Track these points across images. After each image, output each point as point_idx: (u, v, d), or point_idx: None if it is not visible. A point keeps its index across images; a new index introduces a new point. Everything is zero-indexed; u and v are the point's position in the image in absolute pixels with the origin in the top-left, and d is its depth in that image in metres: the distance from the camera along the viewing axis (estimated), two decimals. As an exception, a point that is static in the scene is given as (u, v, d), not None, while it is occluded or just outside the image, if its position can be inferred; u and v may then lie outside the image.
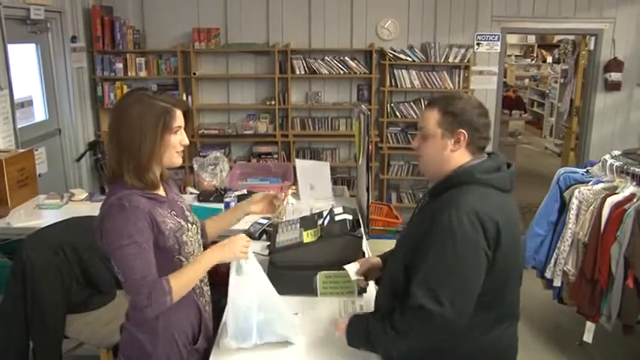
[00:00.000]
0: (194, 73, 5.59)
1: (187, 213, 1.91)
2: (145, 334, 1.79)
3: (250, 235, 2.91)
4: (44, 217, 3.27)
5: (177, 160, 1.80)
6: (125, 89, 5.61)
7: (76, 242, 2.64)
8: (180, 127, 1.78)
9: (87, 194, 3.71)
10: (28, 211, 3.39)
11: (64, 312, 2.59)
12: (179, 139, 1.78)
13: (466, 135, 1.71)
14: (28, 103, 4.67)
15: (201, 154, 5.39)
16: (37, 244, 2.56)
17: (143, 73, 5.58)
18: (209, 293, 2.01)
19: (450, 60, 5.65)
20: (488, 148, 1.81)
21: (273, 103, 5.72)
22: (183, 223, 1.83)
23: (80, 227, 2.73)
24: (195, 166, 3.92)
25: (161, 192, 1.84)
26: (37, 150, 4.10)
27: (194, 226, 1.91)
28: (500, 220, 1.61)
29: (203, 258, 1.82)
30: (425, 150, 1.78)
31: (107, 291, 2.75)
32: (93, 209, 3.35)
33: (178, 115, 1.77)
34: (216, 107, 5.92)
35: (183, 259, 1.81)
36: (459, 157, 1.73)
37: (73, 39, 5.20)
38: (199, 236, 1.96)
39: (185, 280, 1.74)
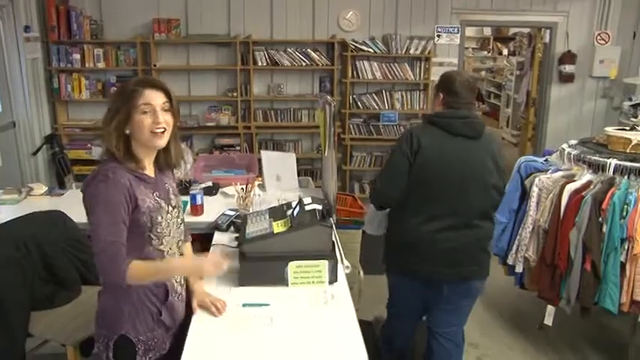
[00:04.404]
0: (154, 65, 5.49)
1: (172, 196, 1.97)
2: (112, 299, 1.88)
3: (218, 227, 2.90)
4: (2, 213, 3.15)
5: (156, 141, 1.84)
6: (83, 81, 5.47)
7: (39, 237, 2.56)
8: (148, 104, 1.80)
9: (46, 189, 3.60)
10: (-17, 206, 3.27)
11: (27, 309, 2.50)
12: (150, 119, 1.80)
13: (441, 97, 2.58)
14: (-21, 96, 4.51)
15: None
16: (-3, 240, 2.48)
17: (101, 65, 5.45)
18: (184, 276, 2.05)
19: (411, 52, 5.71)
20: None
21: (235, 94, 5.67)
22: (163, 204, 1.90)
23: (43, 222, 2.66)
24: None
25: (149, 173, 1.91)
26: (-10, 144, 3.96)
27: (175, 209, 1.97)
28: (426, 142, 2.46)
29: (173, 266, 1.93)
30: (431, 105, 2.66)
31: (72, 287, 2.67)
32: (53, 204, 3.29)
33: (146, 94, 1.80)
34: (177, 99, 5.80)
35: (154, 237, 1.87)
36: (437, 109, 2.61)
37: (27, 29, 5.02)
38: (179, 219, 2.01)
39: (145, 272, 1.81)
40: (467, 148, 2.49)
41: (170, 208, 1.93)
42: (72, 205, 3.23)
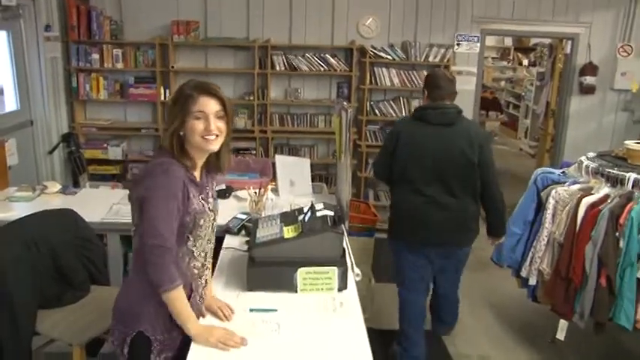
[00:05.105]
0: (172, 67, 5.51)
1: (210, 200, 2.00)
2: (136, 294, 1.88)
3: (229, 230, 2.89)
4: (15, 210, 3.18)
5: (208, 145, 1.87)
6: (101, 81, 5.51)
7: (50, 236, 2.56)
8: (202, 112, 1.84)
9: (60, 187, 3.63)
10: (-2, 203, 3.30)
11: (35, 307, 2.51)
12: (202, 125, 1.84)
13: (426, 92, 3.12)
14: (-2, 93, 4.55)
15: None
16: (8, 238, 2.48)
17: (120, 65, 5.48)
18: (206, 279, 2.06)
19: (430, 59, 5.66)
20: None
21: (251, 98, 5.68)
22: (206, 208, 1.94)
23: (54, 220, 2.67)
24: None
25: (197, 175, 1.95)
26: (7, 141, 3.99)
27: (212, 213, 2.00)
28: (404, 130, 3.07)
29: (188, 319, 1.86)
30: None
31: (81, 286, 2.68)
32: (66, 202, 3.31)
33: (201, 100, 1.84)
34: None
35: (191, 239, 1.90)
36: (424, 104, 3.15)
37: (47, 28, 5.07)
38: (214, 225, 2.05)
39: (179, 305, 1.82)
40: (440, 134, 2.99)
41: (208, 212, 1.96)
42: (85, 204, 3.27)
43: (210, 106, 1.85)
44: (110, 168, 5.58)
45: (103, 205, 3.35)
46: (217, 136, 1.87)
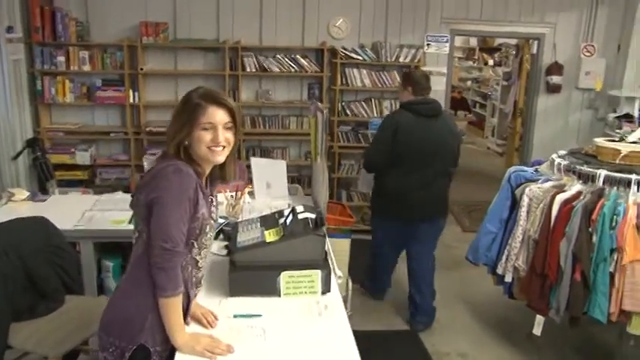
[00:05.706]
0: (141, 69, 5.40)
1: (213, 209, 1.96)
2: (138, 306, 1.80)
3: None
4: (-19, 219, 3.06)
5: (214, 156, 1.82)
6: (67, 84, 5.36)
7: (21, 245, 2.47)
8: (210, 123, 1.78)
9: (28, 194, 3.52)
10: (-38, 211, 3.18)
11: (7, 319, 2.41)
12: (209, 136, 1.78)
13: (410, 88, 3.68)
14: (-41, 97, 4.38)
15: (148, 152, 5.24)
16: (-24, 247, 2.39)
17: (87, 68, 5.34)
18: (201, 283, 2.01)
19: (401, 60, 5.70)
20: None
21: (222, 100, 5.60)
22: (211, 215, 1.91)
23: (25, 228, 2.58)
24: (146, 165, 3.78)
25: (203, 183, 1.89)
26: (-30, 147, 3.85)
27: (214, 223, 1.97)
28: (401, 122, 3.58)
29: (177, 328, 1.80)
30: (401, 96, 3.83)
31: (55, 296, 2.59)
32: (36, 210, 3.21)
33: (209, 111, 1.78)
34: (164, 104, 5.71)
35: (196, 247, 1.86)
36: (408, 98, 3.70)
37: (9, 29, 4.91)
38: (213, 235, 2.01)
39: (173, 312, 1.77)
40: (430, 125, 3.61)
41: (212, 221, 1.93)
42: (55, 211, 3.17)
43: (219, 116, 1.79)
44: (78, 173, 5.44)
45: (75, 211, 3.26)
46: (224, 147, 1.82)
